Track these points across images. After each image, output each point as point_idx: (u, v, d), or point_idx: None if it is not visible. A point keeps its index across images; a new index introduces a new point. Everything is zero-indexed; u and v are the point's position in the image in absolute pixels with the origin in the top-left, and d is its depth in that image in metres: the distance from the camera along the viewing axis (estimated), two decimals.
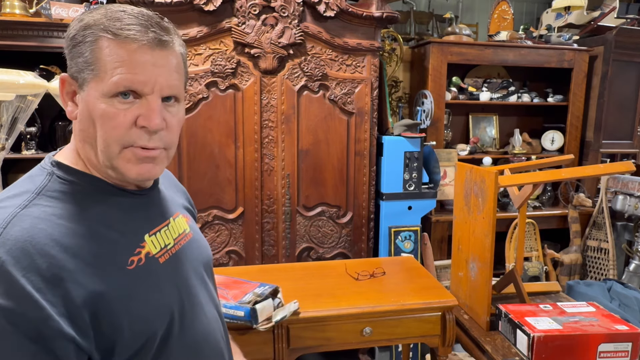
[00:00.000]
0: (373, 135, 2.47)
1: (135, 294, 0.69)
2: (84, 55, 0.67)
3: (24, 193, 0.66)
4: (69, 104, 0.72)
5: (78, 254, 0.63)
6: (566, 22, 3.26)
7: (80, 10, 2.35)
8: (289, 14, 2.21)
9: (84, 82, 0.68)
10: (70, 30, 0.69)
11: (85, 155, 0.72)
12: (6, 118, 1.59)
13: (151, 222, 0.80)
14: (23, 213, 0.62)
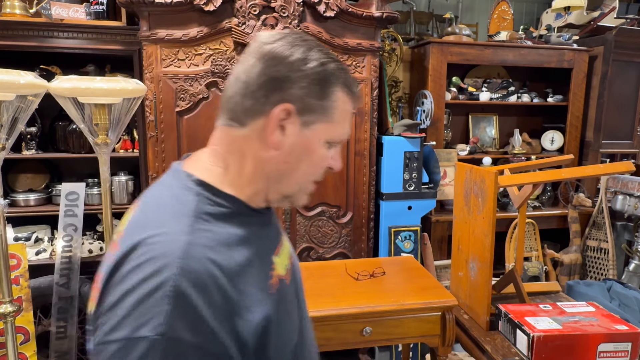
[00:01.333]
0: (373, 135, 2.47)
1: (277, 320, 0.66)
2: (322, 99, 0.67)
3: (180, 217, 0.62)
4: (277, 133, 0.66)
5: (239, 284, 0.61)
6: (566, 22, 3.26)
7: (80, 10, 2.35)
8: (289, 14, 2.21)
9: (311, 121, 0.67)
10: (309, 65, 0.65)
11: (247, 180, 0.69)
12: (6, 118, 1.59)
13: (273, 241, 0.76)
14: (192, 241, 0.59)
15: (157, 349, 0.52)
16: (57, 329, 2.37)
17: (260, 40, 0.68)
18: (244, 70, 0.67)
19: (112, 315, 0.55)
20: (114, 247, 0.62)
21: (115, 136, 1.86)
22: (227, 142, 0.69)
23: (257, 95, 0.65)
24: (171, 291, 0.53)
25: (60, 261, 2.37)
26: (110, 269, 0.58)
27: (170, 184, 0.69)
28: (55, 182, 2.62)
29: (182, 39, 2.13)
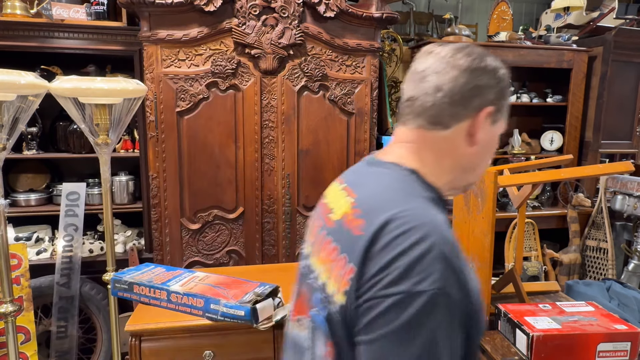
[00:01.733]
0: (373, 136, 2.47)
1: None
2: (505, 99, 0.80)
3: (413, 197, 0.71)
4: (480, 132, 0.79)
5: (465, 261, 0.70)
6: (565, 22, 3.27)
7: (80, 10, 2.35)
8: (289, 15, 2.22)
9: (498, 119, 0.81)
10: (499, 73, 0.78)
11: (444, 172, 0.79)
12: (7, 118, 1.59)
13: None
14: (436, 215, 0.68)
15: (433, 301, 0.60)
16: (57, 328, 2.37)
17: (450, 54, 0.77)
18: (445, 81, 0.75)
19: (385, 275, 0.62)
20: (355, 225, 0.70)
21: (116, 136, 1.87)
22: (425, 142, 0.78)
23: (463, 102, 0.75)
24: (439, 253, 0.62)
25: (61, 261, 2.37)
26: (367, 243, 0.65)
27: (383, 172, 0.78)
28: (56, 182, 2.62)
29: (182, 39, 2.14)
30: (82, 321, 2.50)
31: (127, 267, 1.83)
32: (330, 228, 0.76)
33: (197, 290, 1.51)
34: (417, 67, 0.79)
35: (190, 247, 2.32)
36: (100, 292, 2.48)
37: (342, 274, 0.68)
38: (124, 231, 2.70)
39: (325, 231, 0.78)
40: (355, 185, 0.80)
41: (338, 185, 0.86)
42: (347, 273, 0.67)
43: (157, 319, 1.49)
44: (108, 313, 2.27)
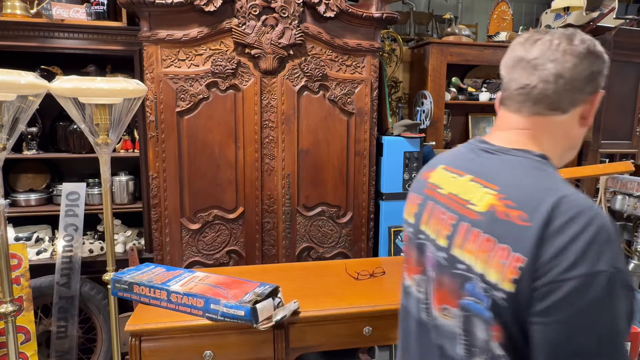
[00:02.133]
0: (373, 136, 2.47)
1: None
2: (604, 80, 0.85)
3: (564, 182, 0.77)
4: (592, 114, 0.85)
5: None
6: (565, 22, 3.27)
7: (81, 10, 2.35)
8: (289, 15, 2.22)
9: (595, 100, 0.84)
10: (605, 56, 0.83)
11: (558, 153, 0.86)
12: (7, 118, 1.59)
13: None
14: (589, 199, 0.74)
15: (612, 279, 0.65)
16: (57, 328, 2.37)
17: (566, 42, 0.80)
18: (566, 69, 0.80)
19: (562, 260, 0.67)
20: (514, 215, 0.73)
21: (116, 136, 1.87)
22: (542, 127, 0.84)
23: (581, 88, 0.81)
24: (607, 235, 0.68)
25: (61, 261, 2.37)
26: (538, 232, 0.69)
27: (513, 160, 0.82)
28: (56, 182, 2.62)
29: (182, 39, 2.14)
30: (82, 321, 2.50)
31: (127, 267, 1.84)
32: (475, 220, 0.78)
33: (197, 290, 1.51)
34: (526, 56, 0.82)
35: (190, 247, 2.32)
36: (100, 292, 2.48)
37: (507, 263, 0.71)
38: (124, 231, 2.70)
39: (467, 223, 0.80)
40: (486, 176, 0.82)
41: (456, 175, 0.89)
42: (514, 262, 0.70)
43: (157, 319, 1.49)
44: (108, 313, 2.27)
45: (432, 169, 0.97)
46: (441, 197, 0.89)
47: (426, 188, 0.94)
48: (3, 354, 1.92)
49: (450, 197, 0.86)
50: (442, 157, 0.98)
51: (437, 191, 0.90)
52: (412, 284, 0.95)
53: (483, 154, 0.86)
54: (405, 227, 0.99)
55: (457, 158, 0.92)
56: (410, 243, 0.95)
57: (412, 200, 0.97)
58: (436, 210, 0.89)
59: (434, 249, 0.86)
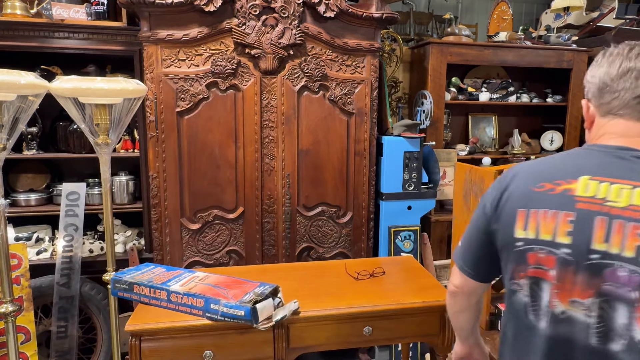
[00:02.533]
0: (373, 136, 2.48)
1: None
2: None
3: None
4: None
5: None
6: (565, 22, 3.27)
7: (81, 10, 2.35)
8: (289, 15, 2.22)
9: None
10: None
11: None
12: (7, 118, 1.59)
13: None
14: None
15: None
16: (57, 328, 2.37)
17: None
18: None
19: None
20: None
21: (116, 136, 1.87)
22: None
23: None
24: None
25: (61, 261, 2.37)
26: None
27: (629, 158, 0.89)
28: (56, 182, 2.62)
29: (182, 39, 2.14)
30: (82, 321, 2.50)
31: (127, 267, 1.84)
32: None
33: (197, 290, 1.51)
34: (636, 66, 0.89)
35: (190, 247, 2.32)
36: (100, 292, 2.49)
37: None
38: (124, 231, 2.70)
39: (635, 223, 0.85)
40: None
41: (625, 185, 0.87)
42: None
43: (157, 319, 1.49)
44: (108, 313, 2.27)
45: (572, 180, 0.91)
46: (622, 211, 0.85)
47: (580, 203, 0.88)
48: (3, 354, 1.92)
49: (634, 209, 0.84)
50: (574, 166, 0.93)
51: (609, 205, 0.86)
52: (573, 310, 0.89)
53: (633, 160, 0.89)
54: (549, 248, 0.90)
55: (603, 167, 0.90)
56: (569, 265, 0.88)
57: (554, 218, 0.90)
58: (621, 226, 0.84)
59: (633, 266, 0.83)
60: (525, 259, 0.94)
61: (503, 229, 0.98)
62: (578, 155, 0.96)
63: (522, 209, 0.94)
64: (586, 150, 0.96)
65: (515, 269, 0.96)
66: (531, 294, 0.94)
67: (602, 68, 0.94)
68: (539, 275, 0.93)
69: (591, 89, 0.97)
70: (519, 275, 0.96)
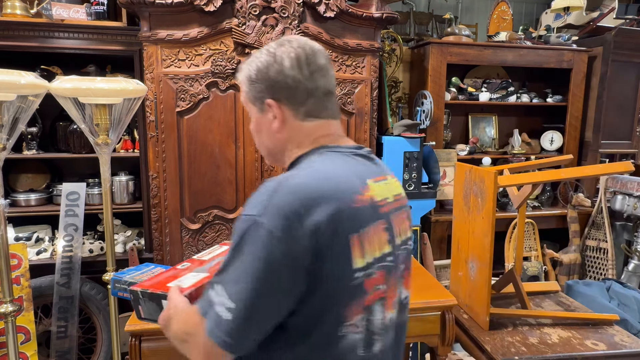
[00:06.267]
0: (373, 136, 2.47)
1: None
2: None
3: None
4: None
5: None
6: (565, 22, 3.27)
7: (81, 10, 2.35)
8: (289, 15, 2.22)
9: None
10: None
11: None
12: (7, 118, 1.59)
13: None
14: None
15: None
16: (57, 328, 2.37)
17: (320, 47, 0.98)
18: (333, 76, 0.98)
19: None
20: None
21: (116, 136, 1.87)
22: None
23: None
24: None
25: (61, 261, 2.37)
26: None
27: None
28: (56, 182, 2.62)
29: (182, 39, 2.14)
30: (82, 321, 2.50)
31: (127, 267, 1.84)
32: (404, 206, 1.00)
33: None
34: None
35: (190, 247, 2.32)
36: (100, 292, 2.48)
37: (410, 219, 0.98)
38: (124, 231, 2.70)
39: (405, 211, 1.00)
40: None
41: None
42: (409, 214, 0.99)
43: None
44: (108, 313, 2.27)
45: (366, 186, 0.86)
46: (393, 204, 0.94)
47: (382, 207, 0.87)
48: (3, 354, 1.92)
49: (396, 198, 0.96)
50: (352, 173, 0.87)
51: (388, 201, 0.94)
52: (393, 312, 0.90)
53: None
54: (380, 264, 0.83)
55: (368, 168, 0.91)
56: (392, 272, 0.87)
57: (376, 231, 0.83)
58: (395, 218, 0.92)
59: (403, 247, 0.94)
60: (363, 290, 0.80)
61: (335, 267, 0.76)
62: (344, 161, 0.87)
63: (354, 235, 0.78)
64: (340, 154, 0.88)
65: (351, 307, 0.79)
66: (366, 327, 0.82)
67: (288, 66, 0.88)
68: (376, 298, 0.83)
69: (281, 88, 0.88)
70: (355, 312, 0.79)
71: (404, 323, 0.99)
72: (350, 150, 0.91)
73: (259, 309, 0.73)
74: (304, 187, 0.76)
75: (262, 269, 0.72)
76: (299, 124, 0.90)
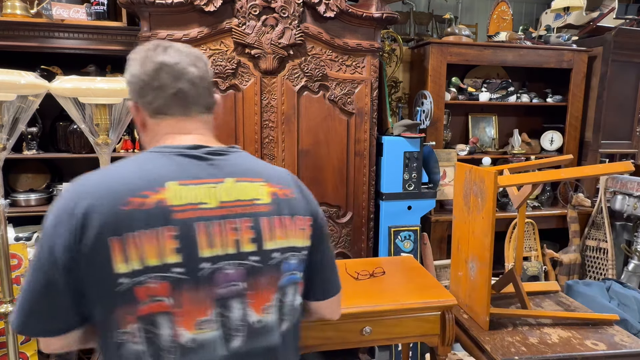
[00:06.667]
0: (373, 136, 2.47)
1: None
2: None
3: None
4: None
5: None
6: (565, 22, 3.27)
7: (81, 10, 2.35)
8: (289, 15, 2.22)
9: None
10: None
11: None
12: (7, 118, 1.59)
13: None
14: None
15: None
16: None
17: (189, 47, 0.97)
18: (204, 73, 0.94)
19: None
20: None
21: (116, 136, 1.87)
22: (209, 125, 0.97)
23: (212, 89, 0.98)
24: None
25: None
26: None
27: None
28: (56, 182, 2.62)
29: (182, 39, 2.14)
30: None
31: None
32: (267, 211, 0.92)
33: None
34: None
35: None
36: None
37: (304, 226, 0.93)
38: None
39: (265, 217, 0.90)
40: None
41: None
42: (307, 222, 0.94)
43: None
44: None
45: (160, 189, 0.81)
46: (215, 211, 0.83)
47: (177, 213, 0.80)
48: (3, 354, 1.92)
49: (224, 205, 0.84)
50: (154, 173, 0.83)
51: (203, 207, 0.82)
52: (201, 332, 0.81)
53: None
54: (161, 274, 0.78)
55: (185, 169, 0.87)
56: (185, 285, 0.80)
57: (155, 237, 0.78)
58: (219, 226, 0.83)
59: (237, 261, 0.84)
60: (134, 298, 0.77)
61: (94, 269, 0.76)
62: (153, 161, 0.85)
63: (115, 237, 0.75)
64: (158, 153, 0.86)
65: (121, 314, 0.77)
66: (147, 339, 0.79)
67: (137, 67, 0.91)
68: (155, 310, 0.78)
69: (134, 90, 0.92)
70: (128, 320, 0.78)
71: (266, 350, 0.88)
72: (178, 150, 0.86)
73: (33, 299, 0.79)
74: (78, 187, 0.80)
75: (34, 263, 0.79)
76: (154, 122, 0.92)
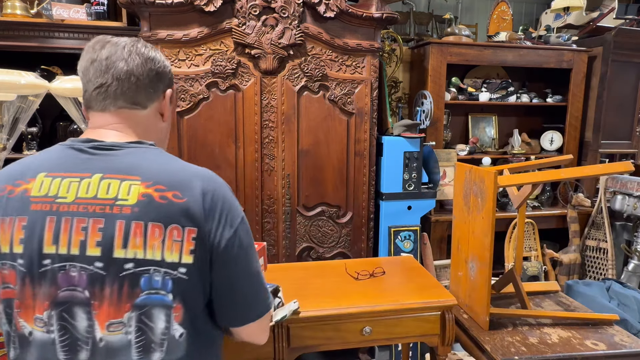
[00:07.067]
0: (373, 136, 2.48)
1: None
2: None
3: None
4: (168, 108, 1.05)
5: None
6: (565, 22, 3.27)
7: (81, 10, 2.35)
8: (289, 15, 2.22)
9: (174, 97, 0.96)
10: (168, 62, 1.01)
11: None
12: (7, 118, 1.60)
13: None
14: None
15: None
16: None
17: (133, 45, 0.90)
18: (135, 68, 0.89)
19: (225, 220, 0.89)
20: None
21: None
22: (135, 122, 0.94)
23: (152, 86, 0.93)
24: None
25: None
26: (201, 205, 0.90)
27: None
28: None
29: (182, 39, 2.14)
30: None
31: None
32: (130, 214, 0.79)
33: None
34: None
35: None
36: None
37: (182, 239, 0.80)
38: None
39: (122, 220, 0.78)
40: None
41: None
42: (188, 235, 0.80)
43: None
44: None
45: (30, 179, 0.82)
46: (69, 207, 0.79)
47: (34, 204, 0.79)
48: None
49: (79, 202, 0.80)
50: (36, 164, 0.84)
51: (59, 202, 0.80)
52: (37, 329, 0.80)
53: None
54: (10, 262, 0.79)
55: (61, 162, 0.84)
56: (25, 278, 0.79)
57: (10, 225, 0.79)
58: (68, 223, 0.79)
59: (81, 265, 0.78)
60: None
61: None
62: (48, 152, 0.87)
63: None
64: (58, 146, 0.88)
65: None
66: (7, 321, 0.82)
67: (79, 63, 0.91)
68: (9, 296, 0.80)
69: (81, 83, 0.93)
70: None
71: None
72: (73, 143, 0.86)
73: None
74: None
75: None
76: (88, 115, 0.93)
